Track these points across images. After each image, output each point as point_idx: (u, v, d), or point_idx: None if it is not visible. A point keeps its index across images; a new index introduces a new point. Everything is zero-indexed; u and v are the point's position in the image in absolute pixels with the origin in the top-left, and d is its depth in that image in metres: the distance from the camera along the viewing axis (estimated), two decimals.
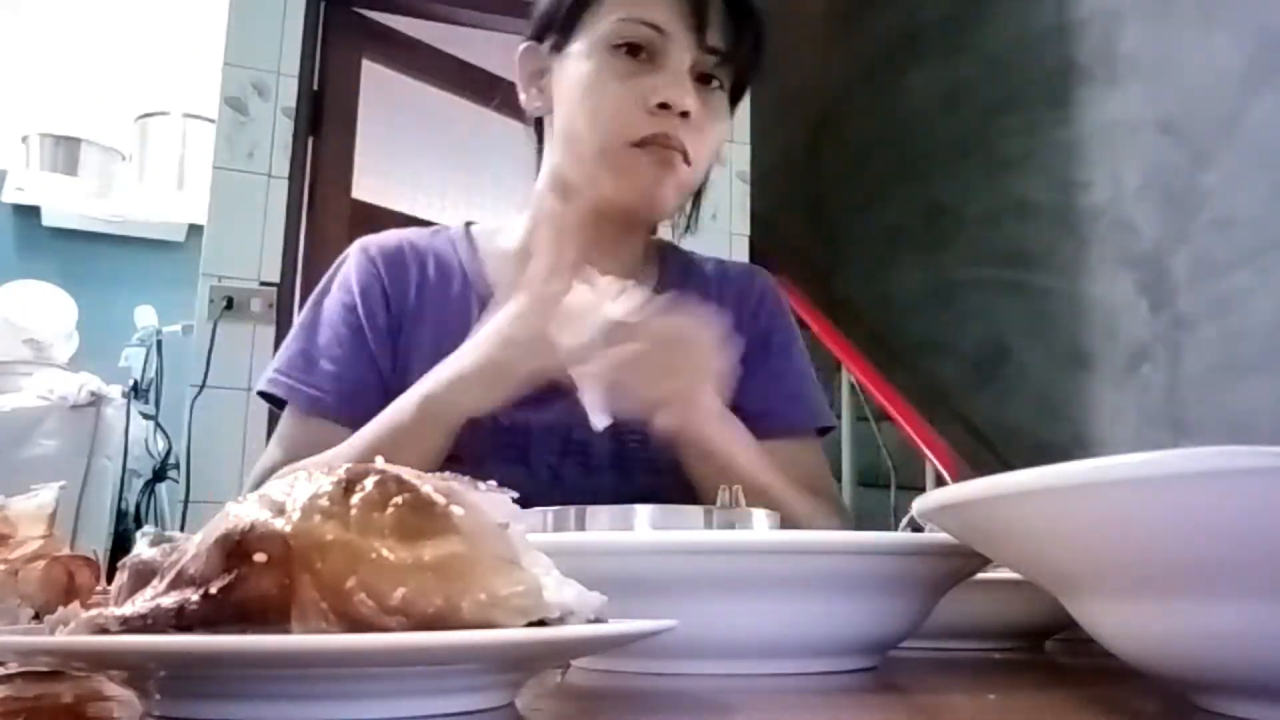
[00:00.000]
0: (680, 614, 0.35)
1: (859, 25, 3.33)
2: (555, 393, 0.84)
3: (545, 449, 0.86)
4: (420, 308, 0.91)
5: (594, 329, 0.71)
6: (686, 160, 0.85)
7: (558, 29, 0.89)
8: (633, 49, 0.84)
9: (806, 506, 0.85)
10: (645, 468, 0.86)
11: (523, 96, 0.93)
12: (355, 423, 0.82)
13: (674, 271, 0.98)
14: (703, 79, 0.86)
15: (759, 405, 0.91)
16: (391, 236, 0.96)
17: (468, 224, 0.99)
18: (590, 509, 0.54)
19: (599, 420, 0.73)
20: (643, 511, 0.54)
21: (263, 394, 0.90)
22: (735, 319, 0.94)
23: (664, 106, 0.83)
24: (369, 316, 0.89)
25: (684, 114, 0.83)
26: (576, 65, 0.87)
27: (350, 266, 0.93)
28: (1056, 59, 2.61)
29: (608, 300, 0.73)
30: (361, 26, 2.47)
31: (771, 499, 0.78)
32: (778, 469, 0.86)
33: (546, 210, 0.90)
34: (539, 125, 0.95)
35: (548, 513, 0.54)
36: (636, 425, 0.85)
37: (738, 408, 0.91)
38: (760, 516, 0.56)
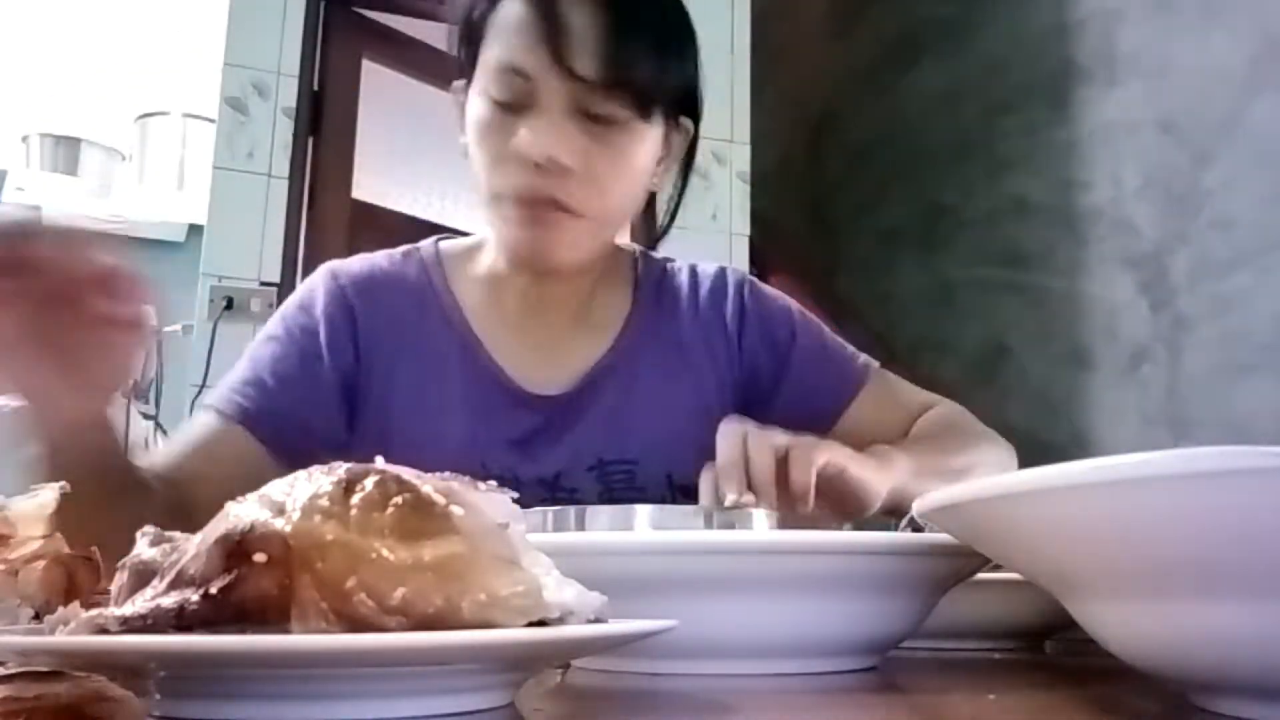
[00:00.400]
0: (680, 614, 0.35)
1: (859, 25, 3.33)
2: (543, 441, 0.86)
3: (534, 498, 0.83)
4: (397, 350, 0.86)
5: None
6: (572, 212, 0.79)
7: (463, 70, 0.85)
8: (498, 98, 0.79)
9: (958, 440, 0.87)
10: (635, 499, 0.86)
11: (460, 139, 0.88)
12: (278, 444, 0.80)
13: (648, 285, 0.95)
14: (592, 116, 0.79)
15: (807, 403, 0.90)
16: (362, 268, 0.90)
17: (439, 239, 0.95)
18: (590, 509, 0.54)
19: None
20: (643, 511, 0.54)
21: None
22: (720, 329, 0.93)
23: (538, 164, 0.78)
24: (332, 351, 0.84)
25: (561, 167, 0.77)
26: (469, 112, 0.83)
27: (319, 295, 0.87)
28: (1056, 59, 2.61)
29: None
30: (361, 26, 2.47)
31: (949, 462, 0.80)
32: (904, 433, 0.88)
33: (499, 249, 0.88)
34: None
35: (548, 513, 0.55)
36: (620, 458, 0.86)
37: (790, 415, 0.87)
38: (760, 516, 0.56)
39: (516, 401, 0.87)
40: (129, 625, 0.29)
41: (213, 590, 0.28)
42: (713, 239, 2.52)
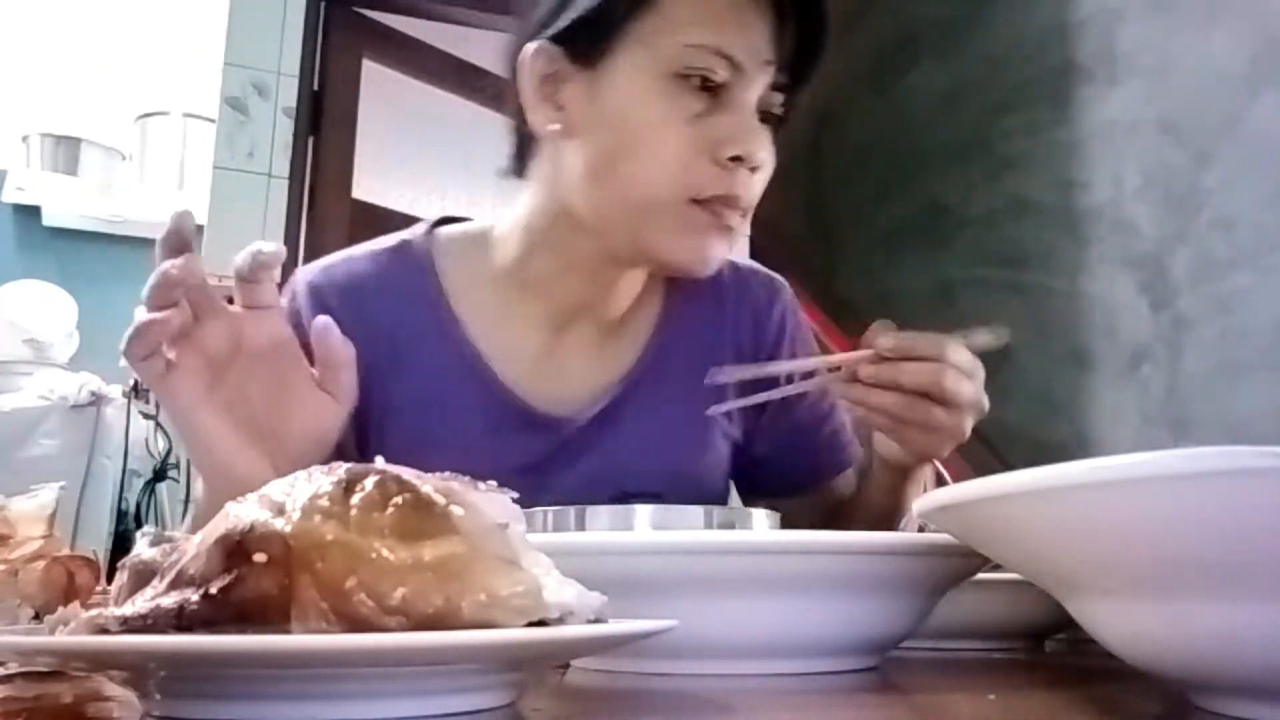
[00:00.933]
0: (680, 614, 0.35)
1: (859, 25, 3.33)
2: (556, 468, 0.78)
3: None
4: (393, 365, 0.77)
5: None
6: (744, 217, 0.75)
7: (591, 36, 0.72)
8: (705, 82, 0.70)
9: None
10: None
11: (533, 113, 0.75)
12: None
13: (682, 287, 0.85)
14: (763, 116, 0.74)
15: (791, 441, 0.86)
16: (347, 277, 0.79)
17: (434, 225, 0.85)
18: (590, 509, 0.54)
19: None
20: (643, 511, 0.54)
21: None
22: (751, 338, 0.86)
23: (736, 159, 0.71)
24: None
25: (754, 167, 0.72)
26: (624, 91, 0.71)
27: (304, 313, 0.76)
28: (1056, 59, 2.61)
29: None
30: (361, 26, 2.47)
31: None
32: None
33: (552, 241, 0.78)
34: (523, 131, 0.78)
35: (548, 513, 0.55)
36: (644, 490, 0.76)
37: (768, 445, 0.85)
38: (760, 516, 0.56)
39: (526, 424, 0.78)
40: (129, 625, 0.29)
41: (213, 590, 0.28)
42: None
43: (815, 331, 0.95)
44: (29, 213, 3.55)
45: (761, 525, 0.56)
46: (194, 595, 0.28)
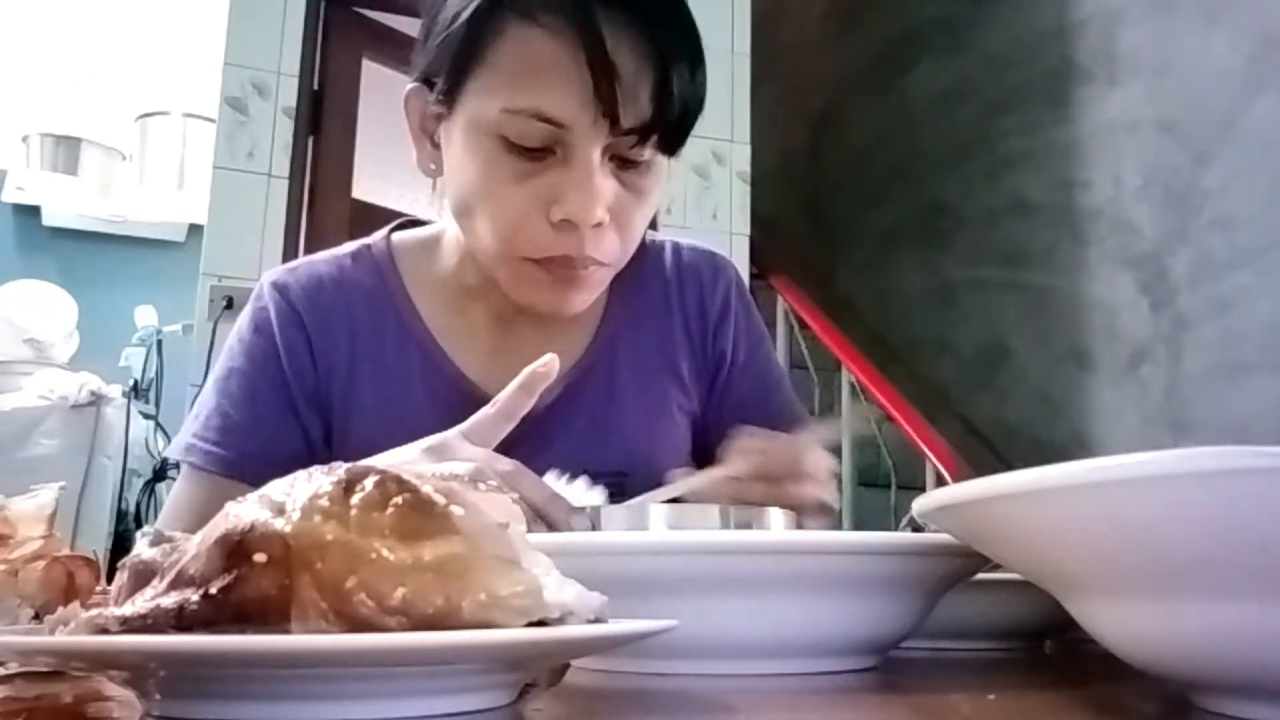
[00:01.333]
0: (680, 614, 0.35)
1: (859, 25, 3.33)
2: (523, 457, 0.78)
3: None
4: (355, 363, 0.79)
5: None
6: (601, 264, 0.73)
7: (443, 82, 0.72)
8: (524, 146, 0.68)
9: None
10: None
11: (415, 150, 0.78)
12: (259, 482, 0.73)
13: (626, 275, 0.84)
14: (624, 161, 0.71)
15: (737, 414, 0.85)
16: (309, 276, 0.82)
17: (391, 231, 0.87)
18: (605, 508, 0.54)
19: None
20: (658, 511, 0.54)
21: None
22: (699, 316, 0.88)
23: (567, 221, 0.69)
24: (295, 374, 0.78)
25: (596, 225, 0.70)
26: (461, 145, 0.71)
27: (271, 315, 0.80)
28: (1056, 59, 2.62)
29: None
30: (361, 26, 2.47)
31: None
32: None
33: (467, 262, 0.80)
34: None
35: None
36: (609, 469, 0.79)
37: (715, 417, 0.87)
38: (777, 516, 0.56)
39: None
40: (129, 625, 0.29)
41: (213, 590, 0.28)
42: (713, 239, 2.50)
43: (804, 326, 0.96)
44: (29, 213, 3.56)
45: (779, 524, 0.56)
46: (194, 595, 0.28)
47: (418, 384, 0.80)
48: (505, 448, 0.78)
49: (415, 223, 0.91)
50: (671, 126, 0.70)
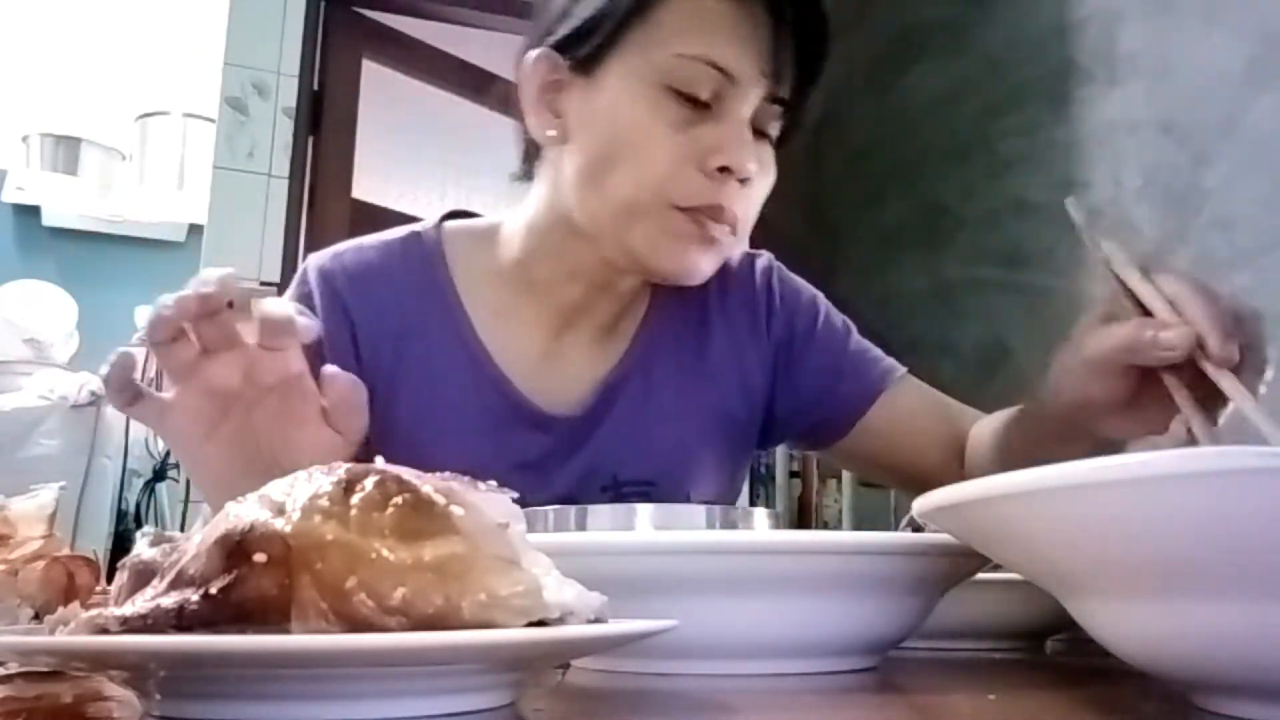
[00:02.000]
0: (680, 614, 0.35)
1: (859, 25, 3.33)
2: (555, 463, 0.78)
3: None
4: (399, 357, 0.78)
5: None
6: (734, 231, 0.74)
7: (589, 44, 0.73)
8: (692, 93, 0.71)
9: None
10: None
11: (531, 118, 0.77)
12: None
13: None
14: (757, 131, 0.74)
15: (819, 404, 0.85)
16: (356, 264, 0.80)
17: (442, 220, 0.86)
18: (591, 508, 0.54)
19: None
20: (644, 511, 0.54)
21: None
22: (747, 323, 0.87)
23: (724, 170, 0.71)
24: (336, 359, 0.74)
25: (742, 179, 0.72)
26: (615, 98, 0.72)
27: (316, 298, 0.78)
28: (1056, 59, 2.61)
29: None
30: (361, 26, 2.47)
31: None
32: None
33: (552, 245, 0.79)
34: (529, 135, 0.80)
35: (549, 512, 0.55)
36: (637, 478, 0.79)
37: (800, 416, 0.85)
38: (761, 516, 0.56)
39: (529, 423, 0.79)
40: (129, 625, 0.29)
41: (213, 590, 0.28)
42: None
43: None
44: (29, 213, 3.55)
45: (762, 525, 0.56)
46: (194, 595, 0.28)
47: (461, 385, 0.79)
48: (538, 457, 0.78)
49: (466, 213, 0.89)
50: (800, 108, 0.75)
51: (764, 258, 0.91)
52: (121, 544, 2.57)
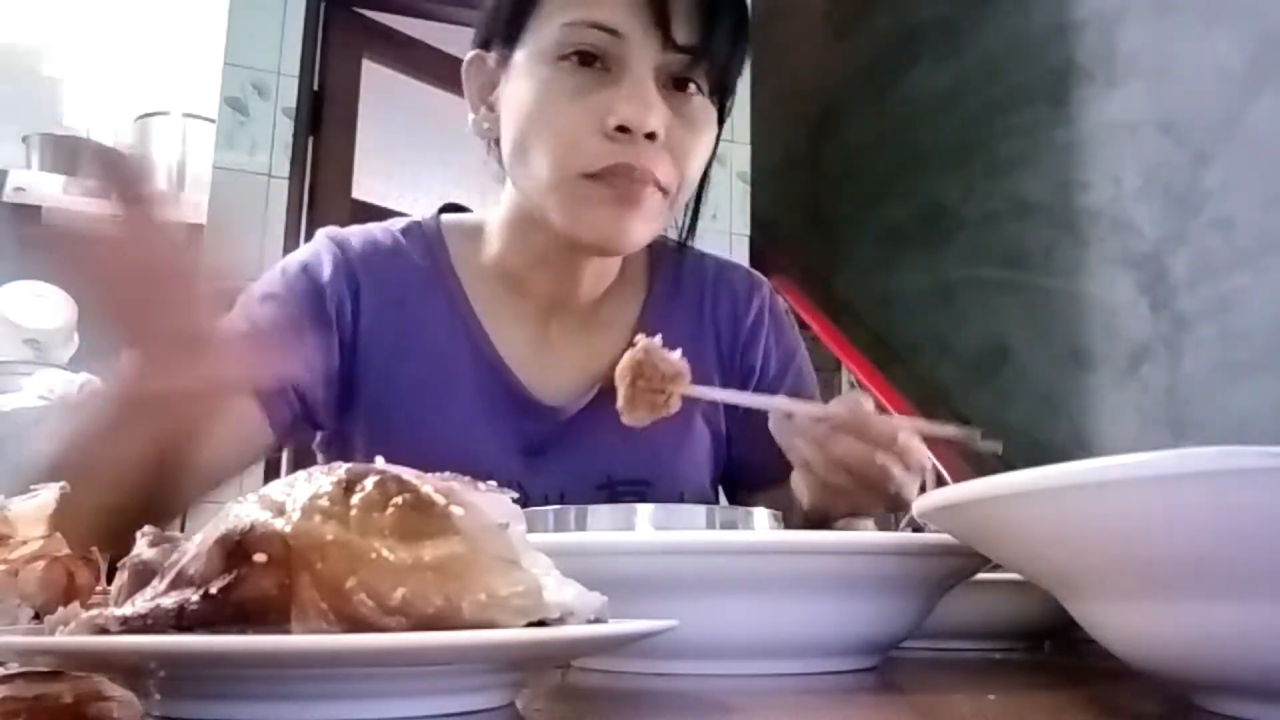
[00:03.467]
0: (680, 614, 0.35)
1: (859, 25, 3.33)
2: (550, 455, 0.80)
3: None
4: (402, 335, 0.79)
5: None
6: (660, 187, 0.73)
7: (501, 36, 0.76)
8: (584, 58, 0.71)
9: None
10: None
11: (471, 115, 0.81)
12: (277, 413, 0.72)
13: (663, 278, 0.89)
14: (677, 83, 0.73)
15: (766, 449, 0.83)
16: (366, 240, 0.82)
17: (440, 211, 0.88)
18: (591, 508, 0.54)
19: None
20: (644, 511, 0.54)
21: None
22: (730, 334, 0.88)
23: (624, 130, 0.70)
24: (339, 324, 0.78)
25: (649, 135, 0.71)
26: (520, 80, 0.74)
27: (325, 262, 0.79)
28: (1056, 59, 2.61)
29: None
30: (361, 26, 2.47)
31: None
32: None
33: (520, 236, 0.81)
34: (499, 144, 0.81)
35: (548, 513, 0.55)
36: (632, 477, 0.81)
37: (740, 432, 0.86)
38: (761, 516, 0.56)
39: (526, 411, 0.81)
40: (129, 625, 0.29)
41: (213, 590, 0.28)
42: (713, 239, 2.50)
43: (804, 326, 0.95)
44: (29, 213, 3.55)
45: (763, 525, 0.56)
46: (194, 595, 0.28)
47: (463, 369, 0.80)
48: (532, 445, 0.80)
49: (460, 207, 0.91)
50: (718, 56, 0.73)
51: (765, 286, 0.94)
52: None
